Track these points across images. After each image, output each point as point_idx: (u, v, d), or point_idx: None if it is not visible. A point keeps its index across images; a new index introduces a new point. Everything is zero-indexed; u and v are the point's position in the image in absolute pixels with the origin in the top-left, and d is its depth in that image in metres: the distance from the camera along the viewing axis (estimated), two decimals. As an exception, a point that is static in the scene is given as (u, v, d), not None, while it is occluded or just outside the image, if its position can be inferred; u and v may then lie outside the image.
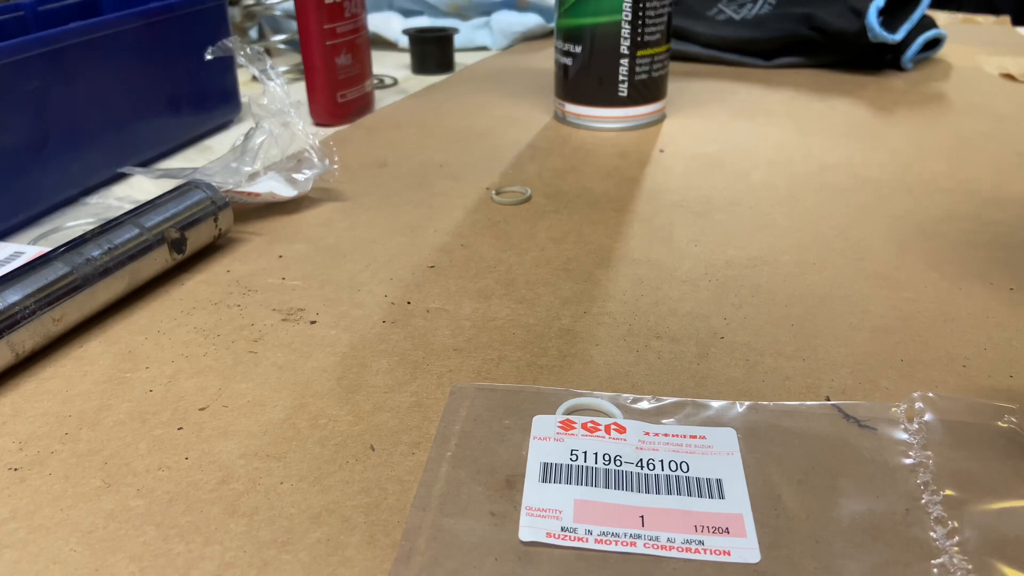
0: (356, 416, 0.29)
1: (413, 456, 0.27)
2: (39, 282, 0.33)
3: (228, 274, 0.40)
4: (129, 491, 0.26)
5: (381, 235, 0.44)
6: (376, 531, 0.24)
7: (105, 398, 0.31)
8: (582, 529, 0.24)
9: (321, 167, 0.47)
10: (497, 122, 0.63)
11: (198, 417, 0.29)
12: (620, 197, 0.48)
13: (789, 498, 0.25)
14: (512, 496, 0.25)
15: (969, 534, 0.23)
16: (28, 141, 0.45)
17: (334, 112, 0.63)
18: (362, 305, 0.37)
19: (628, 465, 0.26)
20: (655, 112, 0.61)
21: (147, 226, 0.37)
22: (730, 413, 0.29)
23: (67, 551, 0.24)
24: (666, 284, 0.38)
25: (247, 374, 0.32)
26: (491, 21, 0.90)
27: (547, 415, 0.29)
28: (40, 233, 0.45)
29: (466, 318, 0.35)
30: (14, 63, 0.43)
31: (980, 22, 0.97)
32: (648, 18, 0.56)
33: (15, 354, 0.31)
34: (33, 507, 0.25)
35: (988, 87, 0.70)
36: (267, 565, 0.23)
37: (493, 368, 0.32)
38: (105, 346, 0.34)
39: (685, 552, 0.23)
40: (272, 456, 0.27)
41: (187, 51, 0.56)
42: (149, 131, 0.55)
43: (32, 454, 0.28)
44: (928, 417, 0.28)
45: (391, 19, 0.91)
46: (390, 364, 0.32)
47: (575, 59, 0.59)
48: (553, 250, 0.42)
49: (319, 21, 0.60)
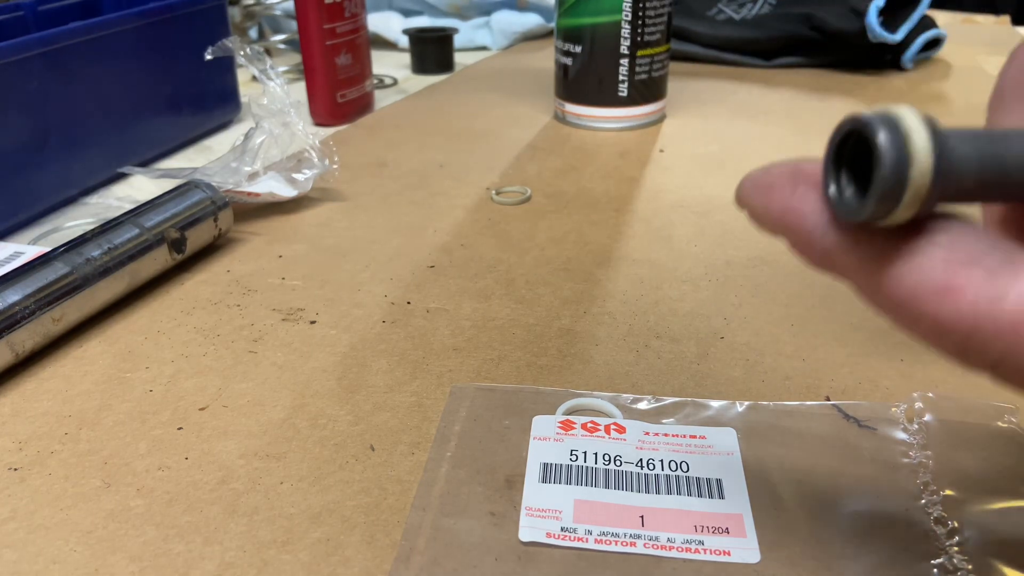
0: (356, 416, 0.29)
1: (413, 456, 0.27)
2: (39, 282, 0.32)
3: (228, 274, 0.40)
4: (129, 491, 0.26)
5: (381, 235, 0.44)
6: (376, 531, 0.24)
7: (105, 398, 0.31)
8: (582, 529, 0.24)
9: (321, 167, 0.47)
10: (497, 122, 0.63)
11: (198, 417, 0.29)
12: (620, 197, 0.48)
13: (789, 498, 0.25)
14: (512, 496, 0.25)
15: (969, 534, 0.23)
16: (28, 141, 0.45)
17: (334, 112, 0.63)
18: (362, 305, 0.37)
19: (628, 465, 0.26)
20: (655, 112, 0.61)
21: (147, 226, 0.37)
22: (730, 413, 0.29)
23: (67, 551, 0.24)
24: (666, 284, 0.38)
25: (247, 374, 0.32)
26: (491, 21, 0.90)
27: (547, 415, 0.29)
28: (40, 233, 0.45)
29: (466, 318, 0.35)
30: (14, 63, 0.43)
31: (980, 22, 0.97)
32: (648, 18, 0.56)
33: (15, 354, 0.31)
34: (33, 507, 0.25)
35: (988, 87, 0.70)
36: (267, 565, 0.23)
37: (493, 368, 0.32)
38: (105, 346, 0.34)
39: (685, 552, 0.23)
40: (272, 456, 0.27)
41: (187, 51, 0.56)
42: (149, 131, 0.55)
43: (32, 454, 0.28)
44: (928, 417, 0.28)
45: (391, 19, 0.91)
46: (390, 364, 0.32)
47: (575, 59, 0.59)
48: (553, 250, 0.42)
49: (319, 21, 0.60)
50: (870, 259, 0.14)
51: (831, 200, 0.15)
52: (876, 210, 0.13)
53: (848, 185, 0.14)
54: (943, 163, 0.13)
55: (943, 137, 0.13)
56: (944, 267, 0.13)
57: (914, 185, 0.13)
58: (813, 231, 0.15)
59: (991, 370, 0.14)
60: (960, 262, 0.13)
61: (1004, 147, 0.14)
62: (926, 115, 0.13)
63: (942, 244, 0.14)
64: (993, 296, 0.13)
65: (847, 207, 0.14)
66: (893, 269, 0.14)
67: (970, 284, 0.13)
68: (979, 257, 0.13)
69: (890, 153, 0.13)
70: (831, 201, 0.15)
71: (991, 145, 0.14)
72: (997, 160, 0.13)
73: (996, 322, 0.13)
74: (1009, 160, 0.13)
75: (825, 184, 0.15)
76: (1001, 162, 0.13)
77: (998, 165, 0.13)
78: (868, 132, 0.13)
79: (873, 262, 0.14)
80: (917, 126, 0.13)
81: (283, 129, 0.47)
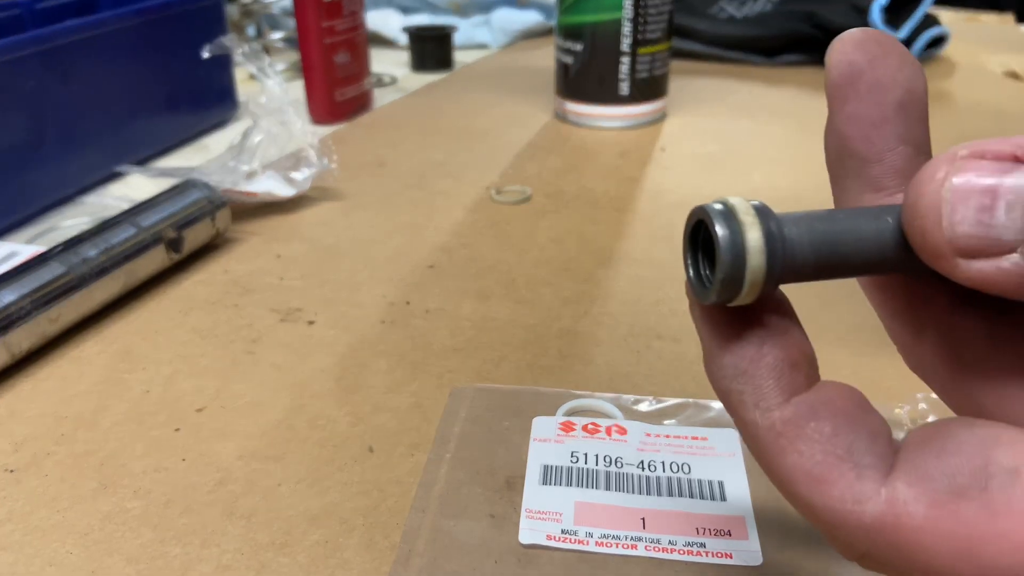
0: (355, 417, 0.29)
1: (412, 457, 0.27)
2: (35, 282, 0.32)
3: (226, 274, 0.40)
4: (126, 493, 0.26)
5: (380, 235, 0.44)
6: (375, 533, 0.24)
7: (102, 399, 0.30)
8: (583, 531, 0.24)
9: (319, 166, 0.47)
10: (497, 121, 0.63)
11: (195, 418, 0.29)
12: (621, 196, 0.48)
13: (792, 500, 0.25)
14: (512, 498, 0.25)
15: (974, 537, 0.23)
16: (24, 140, 0.45)
17: (332, 111, 0.63)
18: (361, 305, 0.37)
19: (629, 467, 0.26)
20: (656, 110, 0.61)
21: (144, 226, 0.37)
22: (732, 414, 0.28)
23: (63, 553, 0.23)
24: (667, 284, 0.38)
25: (245, 375, 0.32)
26: (491, 19, 0.90)
27: (547, 416, 0.28)
28: (36, 232, 0.45)
29: (466, 318, 0.35)
30: (10, 61, 0.43)
31: (984, 20, 0.97)
32: (649, 15, 0.56)
33: (11, 355, 0.31)
34: (29, 509, 0.25)
35: (991, 85, 0.70)
36: (265, 567, 0.23)
37: (493, 369, 0.32)
38: (102, 347, 0.34)
39: (686, 555, 0.23)
40: (270, 457, 0.27)
41: (184, 49, 0.56)
42: (146, 130, 0.55)
43: (28, 455, 0.27)
44: (931, 419, 0.27)
45: (390, 17, 0.90)
46: (389, 365, 0.32)
47: (576, 57, 0.58)
48: (553, 250, 0.41)
49: (317, 19, 0.60)
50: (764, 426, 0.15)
51: (690, 282, 0.16)
52: (720, 296, 0.14)
53: (704, 267, 0.15)
54: (776, 255, 0.14)
55: (776, 228, 0.14)
56: (823, 457, 0.14)
57: (750, 278, 0.14)
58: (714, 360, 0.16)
59: (859, 561, 0.15)
60: (837, 456, 0.14)
61: (832, 228, 0.14)
62: (762, 205, 0.14)
63: (825, 434, 0.14)
64: (858, 498, 0.14)
65: (697, 290, 0.15)
66: (779, 443, 0.14)
67: (840, 481, 0.14)
68: (855, 454, 0.14)
69: (727, 251, 0.14)
70: (689, 283, 0.16)
71: (821, 227, 0.14)
72: (829, 242, 0.14)
73: (859, 523, 0.14)
74: (840, 240, 0.14)
75: (685, 267, 0.16)
76: (833, 243, 0.14)
77: (830, 247, 0.14)
78: (708, 225, 0.14)
79: (764, 430, 0.15)
80: (751, 221, 0.14)
81: (281, 128, 0.47)
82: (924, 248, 0.13)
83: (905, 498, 0.13)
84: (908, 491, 0.13)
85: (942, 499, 0.13)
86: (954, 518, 0.13)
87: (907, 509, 0.13)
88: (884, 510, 0.13)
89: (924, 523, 0.13)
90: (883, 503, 0.13)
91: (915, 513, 0.13)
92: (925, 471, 0.13)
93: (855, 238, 0.14)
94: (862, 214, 0.15)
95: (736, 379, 0.15)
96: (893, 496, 0.13)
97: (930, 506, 0.13)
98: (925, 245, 0.13)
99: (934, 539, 0.13)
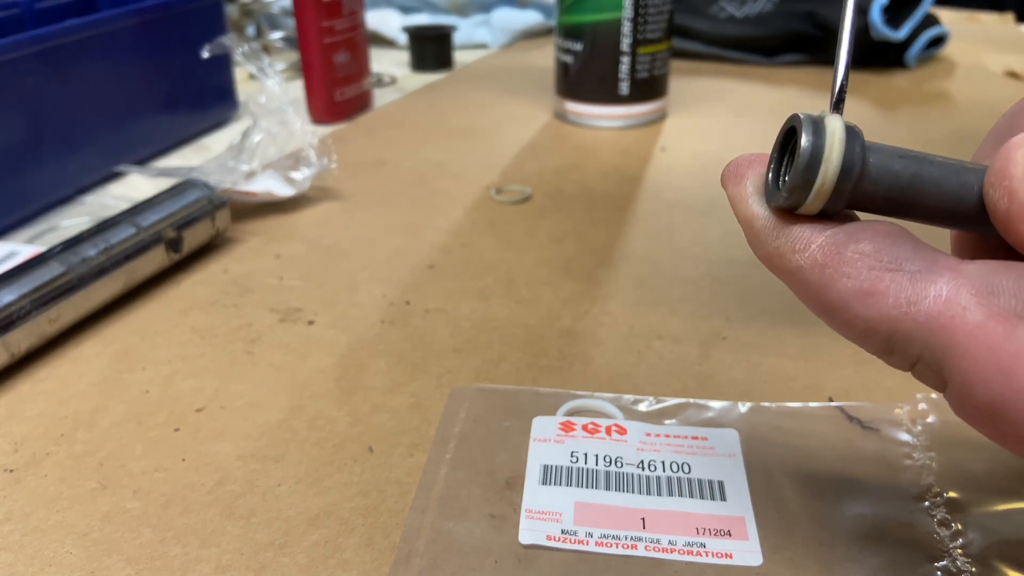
0: (354, 417, 0.29)
1: (412, 458, 0.27)
2: (34, 282, 0.32)
3: (225, 274, 0.40)
4: (125, 493, 0.26)
5: (380, 234, 0.44)
6: (375, 533, 0.24)
7: (101, 399, 0.30)
8: (582, 532, 0.24)
9: (319, 166, 0.47)
10: (497, 120, 0.63)
11: (195, 418, 0.29)
12: (621, 196, 0.48)
13: (791, 500, 0.25)
14: (512, 498, 0.25)
15: (973, 536, 0.23)
16: (24, 139, 0.45)
17: (332, 110, 0.63)
18: (360, 305, 0.37)
19: (629, 467, 0.26)
20: (656, 110, 0.61)
21: (143, 225, 0.37)
22: (732, 414, 0.28)
23: (63, 553, 0.23)
24: (667, 284, 0.38)
25: (244, 375, 0.32)
26: (491, 18, 0.90)
27: (547, 416, 0.28)
28: (36, 232, 0.45)
29: (466, 318, 0.35)
30: (10, 61, 0.43)
31: (984, 20, 0.97)
32: (649, 15, 0.56)
33: (10, 355, 0.31)
34: (29, 509, 0.25)
35: (992, 85, 0.70)
36: (264, 568, 0.23)
37: (493, 369, 0.32)
38: (101, 347, 0.34)
39: (687, 555, 0.23)
40: (269, 458, 0.27)
41: (184, 49, 0.56)
42: (146, 129, 0.55)
43: (27, 456, 0.27)
44: (932, 419, 0.27)
45: (390, 16, 0.90)
46: (389, 365, 0.32)
47: (576, 56, 0.58)
48: (553, 249, 0.41)
49: (317, 18, 0.60)
50: (807, 265, 0.16)
51: (767, 185, 0.16)
52: (789, 198, 0.15)
53: (785, 173, 0.16)
54: (851, 166, 0.15)
55: (859, 146, 0.15)
56: (868, 273, 0.15)
57: (819, 186, 0.15)
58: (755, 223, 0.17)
59: (912, 369, 0.15)
60: (884, 268, 0.15)
61: (915, 169, 0.15)
62: (854, 127, 0.15)
63: (867, 252, 0.15)
64: (912, 299, 0.14)
65: (770, 193, 0.16)
66: (825, 273, 0.15)
67: (892, 288, 0.15)
68: (901, 263, 0.15)
69: (806, 151, 0.14)
70: (765, 186, 0.16)
71: (903, 164, 0.15)
72: (905, 180, 0.15)
73: (915, 321, 0.14)
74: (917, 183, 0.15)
75: (767, 169, 0.16)
76: (909, 183, 0.15)
77: (905, 184, 0.15)
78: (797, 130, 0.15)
79: (808, 269, 0.16)
80: (839, 133, 0.15)
81: (281, 127, 0.47)
82: (1009, 210, 0.14)
83: (966, 304, 0.14)
84: (971, 299, 0.14)
85: (1002, 314, 0.14)
86: (1008, 334, 0.14)
87: (964, 313, 0.14)
88: (941, 310, 0.14)
89: (976, 330, 0.14)
90: (941, 303, 0.14)
91: (970, 320, 0.14)
92: (996, 285, 0.14)
93: (932, 185, 0.15)
94: (947, 165, 0.15)
95: (776, 238, 0.16)
96: (954, 298, 0.14)
97: (988, 316, 0.14)
98: (1011, 207, 0.14)
99: (980, 348, 0.14)
